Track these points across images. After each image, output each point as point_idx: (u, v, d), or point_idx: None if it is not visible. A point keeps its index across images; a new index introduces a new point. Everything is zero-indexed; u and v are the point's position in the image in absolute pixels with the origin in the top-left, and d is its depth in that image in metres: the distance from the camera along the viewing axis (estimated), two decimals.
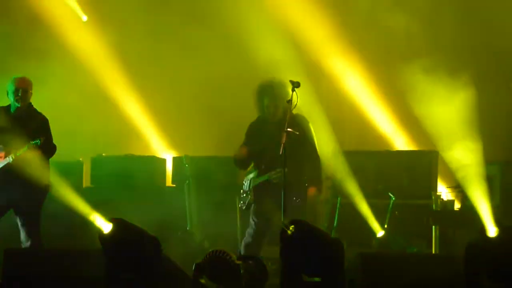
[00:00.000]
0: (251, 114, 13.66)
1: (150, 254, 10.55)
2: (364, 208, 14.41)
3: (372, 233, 14.46)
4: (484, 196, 12.82)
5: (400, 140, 17.91)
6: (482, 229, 11.03)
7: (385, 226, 14.44)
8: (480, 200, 12.79)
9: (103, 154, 17.09)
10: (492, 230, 11.47)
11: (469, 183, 14.02)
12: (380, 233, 14.39)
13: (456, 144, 15.10)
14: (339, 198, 14.66)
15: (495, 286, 9.75)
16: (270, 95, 12.85)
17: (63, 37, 18.93)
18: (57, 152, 13.42)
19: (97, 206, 14.21)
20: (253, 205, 12.91)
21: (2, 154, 12.83)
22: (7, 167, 12.80)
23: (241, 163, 13.07)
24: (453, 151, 14.44)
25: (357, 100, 18.35)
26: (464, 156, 14.09)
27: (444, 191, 15.87)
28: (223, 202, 14.91)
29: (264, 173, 12.81)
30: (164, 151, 18.07)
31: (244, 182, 13.11)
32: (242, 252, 12.95)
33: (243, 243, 13.18)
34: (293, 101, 12.31)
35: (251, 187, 12.95)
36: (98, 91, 18.80)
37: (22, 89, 12.95)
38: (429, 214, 14.61)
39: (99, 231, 10.65)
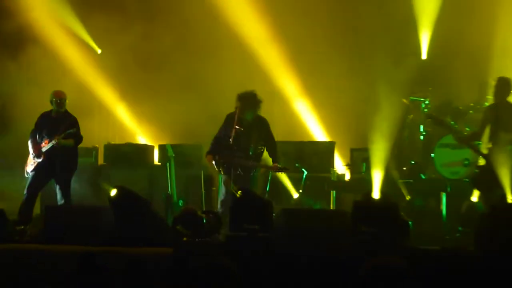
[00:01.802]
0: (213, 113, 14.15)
1: (143, 209, 10.74)
2: (286, 179, 14.46)
3: (291, 196, 14.45)
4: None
5: (314, 133, 17.74)
6: (367, 193, 11.66)
7: (300, 191, 14.43)
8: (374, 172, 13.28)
9: (111, 142, 16.99)
10: (374, 195, 12.13)
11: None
12: (295, 195, 14.40)
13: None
14: (270, 173, 14.06)
15: (368, 231, 9.71)
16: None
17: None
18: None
19: (107, 177, 14.92)
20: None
21: (47, 141, 13.20)
22: (51, 149, 13.19)
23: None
24: None
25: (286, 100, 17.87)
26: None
27: (340, 168, 15.97)
28: (192, 175, 14.74)
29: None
30: (153, 141, 17.56)
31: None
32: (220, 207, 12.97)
33: (219, 201, 13.10)
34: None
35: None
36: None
37: (60, 99, 13.39)
38: (328, 183, 14.70)
39: (108, 194, 11.07)
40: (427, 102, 15.05)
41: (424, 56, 17.16)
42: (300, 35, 17.20)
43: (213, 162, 12.96)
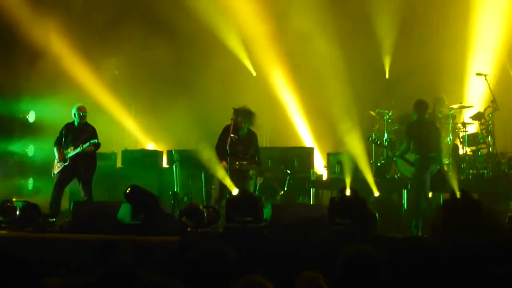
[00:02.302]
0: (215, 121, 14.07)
1: (153, 205, 10.81)
2: (274, 179, 14.52)
3: (278, 192, 14.46)
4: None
5: (298, 139, 17.66)
6: (342, 190, 11.67)
7: (285, 188, 14.45)
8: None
9: (127, 148, 16.98)
10: (348, 192, 12.12)
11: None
12: (282, 192, 14.42)
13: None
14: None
15: (342, 222, 9.80)
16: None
17: None
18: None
19: (124, 178, 14.86)
20: None
21: (71, 148, 13.22)
22: (75, 154, 13.23)
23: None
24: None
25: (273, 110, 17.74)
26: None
27: (320, 168, 16.17)
28: (195, 175, 14.62)
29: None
30: (161, 147, 17.40)
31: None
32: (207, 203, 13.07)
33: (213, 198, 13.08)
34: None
35: None
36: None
37: (82, 112, 13.46)
38: (309, 182, 14.82)
39: (124, 191, 10.98)
40: (390, 113, 15.09)
41: (387, 75, 17.21)
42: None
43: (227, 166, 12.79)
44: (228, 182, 12.53)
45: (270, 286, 4.81)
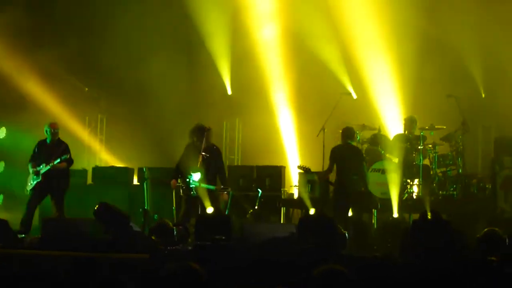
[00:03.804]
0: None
1: (122, 222, 10.73)
2: (244, 197, 14.72)
3: (247, 211, 14.48)
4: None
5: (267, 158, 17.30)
6: (306, 211, 11.67)
7: (255, 207, 14.46)
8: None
9: (98, 165, 17.12)
10: (312, 211, 12.21)
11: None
12: (252, 211, 14.41)
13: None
14: (231, 192, 14.10)
15: (315, 241, 9.87)
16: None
17: None
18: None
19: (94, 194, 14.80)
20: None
21: (44, 164, 13.23)
22: (48, 171, 13.26)
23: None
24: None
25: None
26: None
27: (292, 186, 16.13)
28: (165, 193, 14.42)
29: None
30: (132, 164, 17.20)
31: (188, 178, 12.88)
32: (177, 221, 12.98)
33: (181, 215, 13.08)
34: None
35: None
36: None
37: (54, 129, 13.51)
38: (279, 201, 15.00)
39: (94, 209, 10.91)
40: (360, 134, 15.25)
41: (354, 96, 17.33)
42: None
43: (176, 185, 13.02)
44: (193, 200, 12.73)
45: None
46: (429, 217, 10.42)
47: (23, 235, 12.21)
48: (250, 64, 17.72)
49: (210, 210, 12.37)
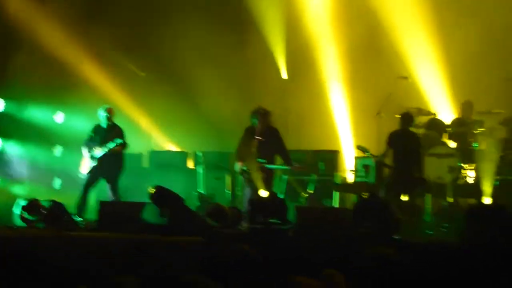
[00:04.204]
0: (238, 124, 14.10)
1: (177, 205, 10.82)
2: (298, 182, 14.53)
3: (302, 195, 14.33)
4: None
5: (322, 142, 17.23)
6: (360, 195, 11.59)
7: (310, 191, 14.30)
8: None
9: (154, 149, 17.22)
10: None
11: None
12: (307, 194, 14.28)
13: None
14: (286, 176, 14.43)
15: (366, 225, 9.82)
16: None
17: None
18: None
19: (150, 178, 14.95)
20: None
21: (99, 148, 13.45)
22: (103, 155, 13.51)
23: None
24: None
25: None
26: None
27: (347, 171, 15.98)
28: (219, 177, 15.04)
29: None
30: (188, 148, 17.26)
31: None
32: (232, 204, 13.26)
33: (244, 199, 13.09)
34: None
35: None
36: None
37: (109, 114, 13.75)
38: (333, 185, 14.92)
39: (149, 192, 11.01)
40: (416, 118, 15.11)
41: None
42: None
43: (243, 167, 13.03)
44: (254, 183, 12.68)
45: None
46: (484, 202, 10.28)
47: (80, 219, 12.40)
48: (305, 49, 17.63)
49: (264, 193, 12.37)
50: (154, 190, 10.90)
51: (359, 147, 14.15)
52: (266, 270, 5.43)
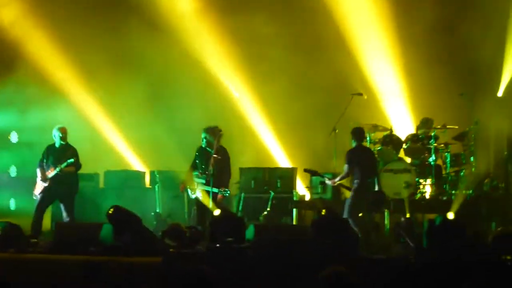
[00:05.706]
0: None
1: (135, 225, 10.55)
2: (255, 199, 14.80)
3: (261, 212, 14.59)
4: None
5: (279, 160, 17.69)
6: (318, 212, 11.63)
7: (268, 209, 14.56)
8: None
9: (111, 169, 16.89)
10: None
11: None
12: (265, 212, 14.54)
13: None
14: (243, 194, 14.82)
15: (327, 242, 9.72)
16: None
17: None
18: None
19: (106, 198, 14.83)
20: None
21: (52, 168, 13.37)
22: (56, 175, 13.36)
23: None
24: None
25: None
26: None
27: (301, 189, 16.11)
28: (177, 196, 14.82)
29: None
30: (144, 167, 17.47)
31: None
32: (189, 223, 13.15)
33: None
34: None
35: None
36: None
37: (62, 133, 13.57)
38: (291, 202, 14.86)
39: (106, 212, 10.69)
40: (372, 134, 15.27)
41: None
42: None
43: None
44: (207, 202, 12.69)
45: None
46: (447, 217, 10.40)
47: (35, 240, 12.21)
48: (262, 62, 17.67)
49: (216, 212, 12.33)
50: (112, 210, 10.70)
51: (307, 171, 13.94)
52: None
